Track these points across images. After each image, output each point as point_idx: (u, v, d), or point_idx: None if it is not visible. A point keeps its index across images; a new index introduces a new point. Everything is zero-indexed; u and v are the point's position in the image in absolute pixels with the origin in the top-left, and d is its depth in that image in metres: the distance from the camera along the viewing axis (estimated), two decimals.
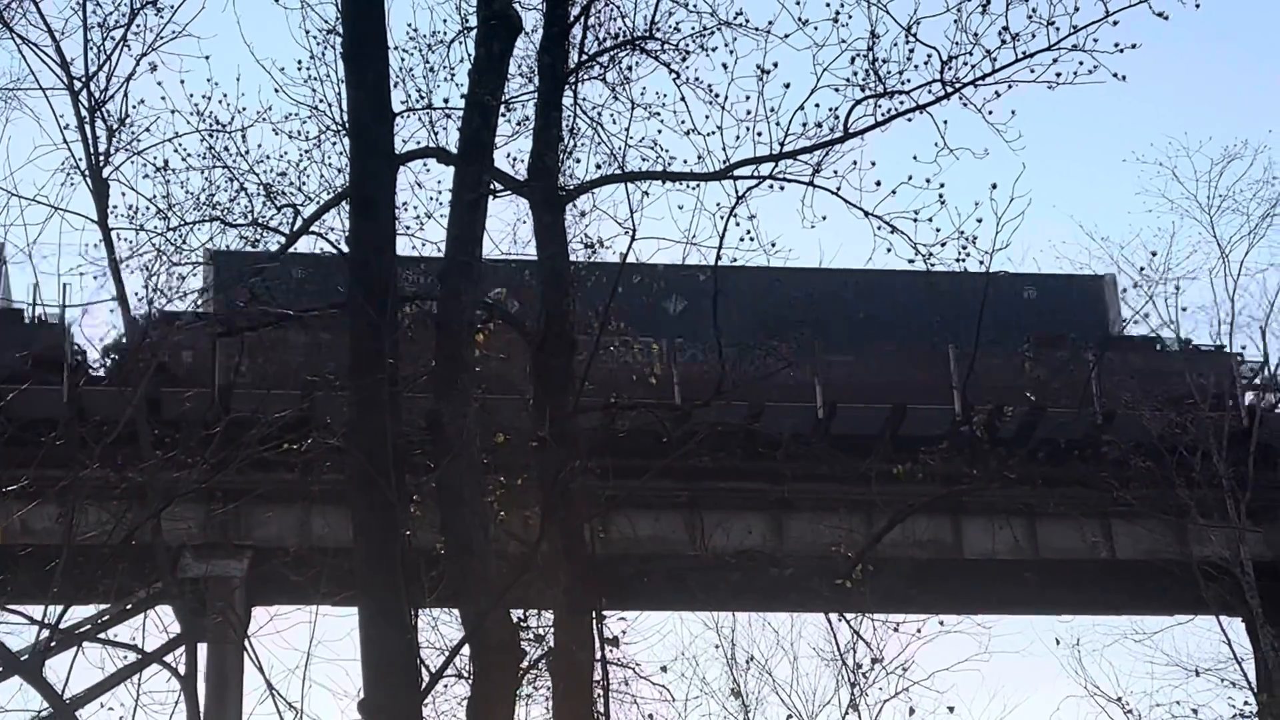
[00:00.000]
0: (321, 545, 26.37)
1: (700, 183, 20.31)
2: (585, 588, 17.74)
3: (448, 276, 17.41)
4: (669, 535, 33.55)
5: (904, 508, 23.26)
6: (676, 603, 31.61)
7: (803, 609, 32.45)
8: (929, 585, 33.51)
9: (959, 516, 34.83)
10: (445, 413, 16.58)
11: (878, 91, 19.65)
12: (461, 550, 16.09)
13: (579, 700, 17.51)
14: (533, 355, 18.79)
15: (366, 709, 15.32)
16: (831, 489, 33.59)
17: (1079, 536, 35.15)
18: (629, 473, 23.29)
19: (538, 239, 19.12)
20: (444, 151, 19.19)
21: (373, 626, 15.39)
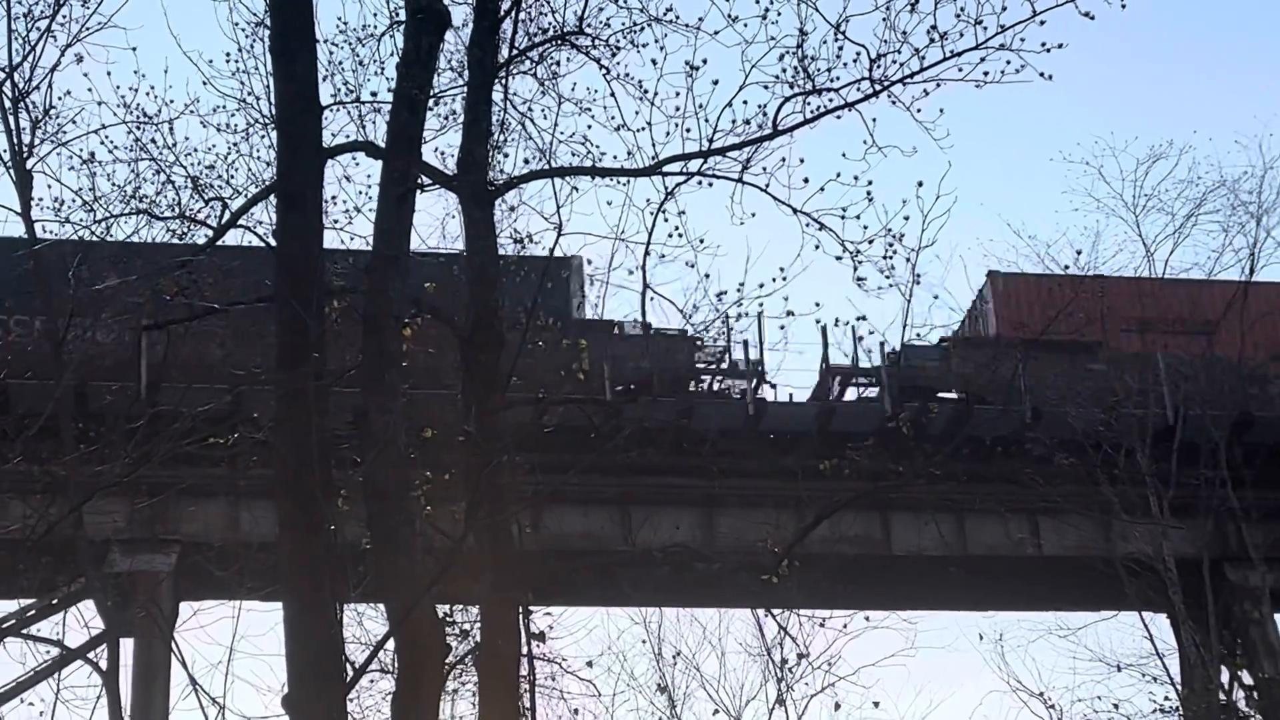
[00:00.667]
0: (249, 540, 26.32)
1: (629, 179, 20.38)
2: (511, 582, 17.70)
3: (375, 270, 17.34)
4: (597, 531, 33.56)
5: (830, 504, 23.37)
6: (604, 598, 31.69)
7: (730, 604, 32.59)
8: (857, 581, 33.66)
9: (888, 513, 34.98)
10: (372, 407, 16.53)
11: (807, 89, 19.74)
12: (387, 545, 16.04)
13: (505, 695, 17.46)
14: (461, 350, 18.74)
15: (291, 704, 15.25)
16: (760, 485, 33.70)
17: (1006, 533, 35.34)
18: (557, 468, 23.28)
19: (466, 234, 19.09)
20: (372, 145, 19.13)
21: (297, 621, 15.32)
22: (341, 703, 15.38)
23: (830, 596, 31.25)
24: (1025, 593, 35.94)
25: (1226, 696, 33.26)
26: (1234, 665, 33.74)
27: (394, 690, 16.28)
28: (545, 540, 30.68)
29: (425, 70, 18.39)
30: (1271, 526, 34.89)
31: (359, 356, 17.26)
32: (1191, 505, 33.47)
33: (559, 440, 25.60)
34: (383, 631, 18.33)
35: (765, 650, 33.54)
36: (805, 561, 26.31)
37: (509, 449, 18.16)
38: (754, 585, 25.14)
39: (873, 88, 19.62)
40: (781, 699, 33.14)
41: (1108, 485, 32.81)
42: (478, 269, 18.78)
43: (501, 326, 18.85)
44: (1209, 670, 32.28)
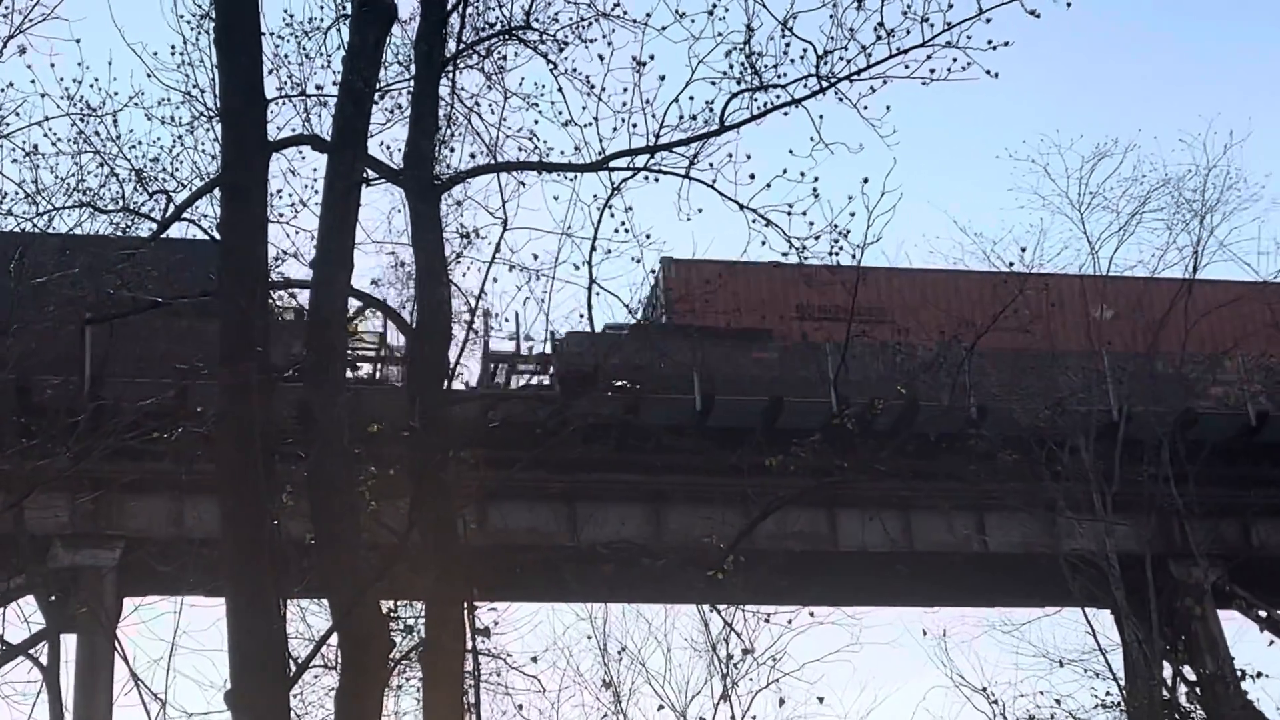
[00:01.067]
0: (192, 535, 26.19)
1: (576, 174, 20.39)
2: (456, 578, 17.65)
3: (320, 265, 17.29)
4: (543, 526, 33.53)
5: (776, 500, 23.43)
6: (550, 593, 31.66)
7: (676, 600, 32.62)
8: (803, 577, 33.74)
9: (834, 509, 35.07)
10: (316, 402, 16.47)
11: (754, 85, 19.75)
12: (331, 540, 15.98)
13: (449, 691, 17.41)
14: (407, 345, 18.70)
15: (233, 700, 15.19)
16: (706, 481, 33.73)
17: (951, 529, 35.48)
18: (503, 463, 23.29)
19: (412, 228, 19.02)
20: (318, 139, 19.06)
21: (240, 617, 15.26)
22: (284, 699, 15.32)
23: (776, 592, 31.30)
24: (970, 589, 36.07)
25: (1169, 692, 33.46)
26: (1176, 661, 33.95)
27: (337, 686, 16.23)
28: (491, 536, 30.64)
29: (371, 64, 18.33)
30: (1214, 523, 35.14)
31: (303, 351, 17.19)
32: (1135, 502, 33.65)
33: (505, 435, 25.61)
34: (326, 627, 18.28)
35: (710, 646, 33.56)
36: (751, 557, 26.40)
37: (454, 444, 18.14)
38: (700, 581, 25.20)
39: (819, 84, 19.65)
40: (726, 694, 33.17)
41: (1052, 482, 32.97)
42: (424, 264, 18.74)
43: (448, 321, 18.80)
44: (1151, 666, 32.47)
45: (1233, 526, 36.12)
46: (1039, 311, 34.61)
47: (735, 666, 32.87)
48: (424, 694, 17.88)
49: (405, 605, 24.10)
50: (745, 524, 26.26)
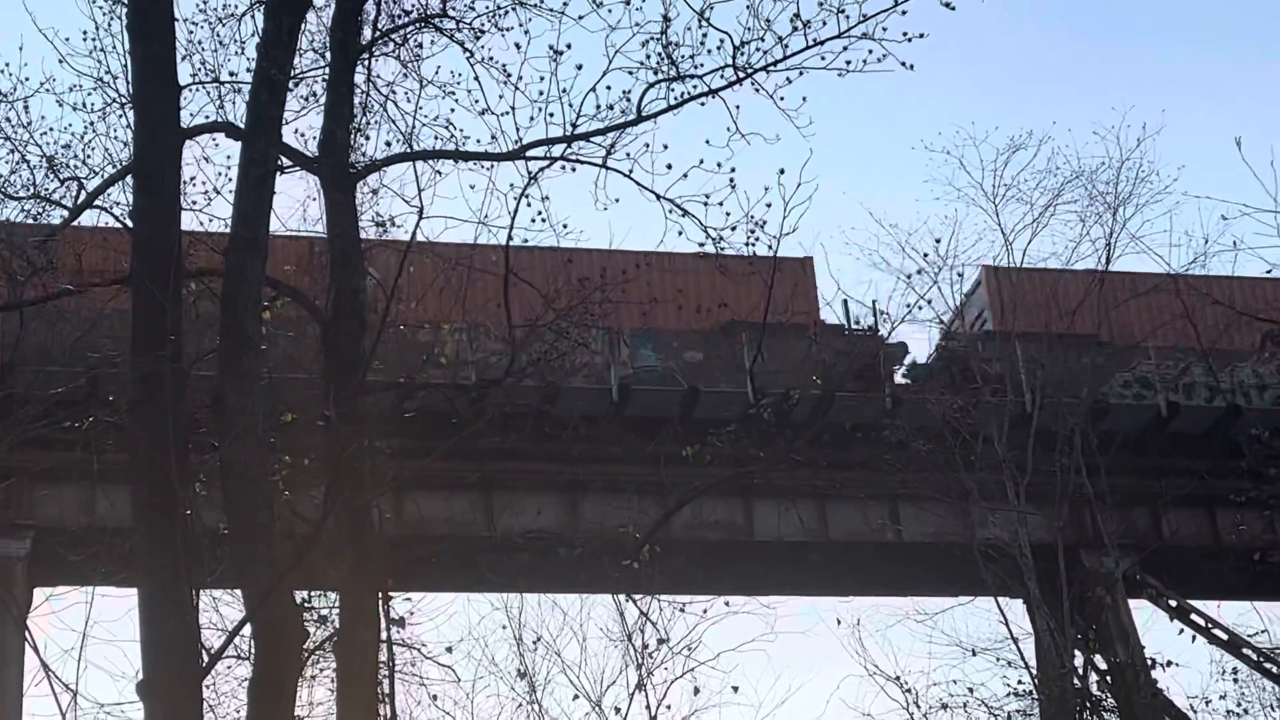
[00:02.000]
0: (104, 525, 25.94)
1: (493, 163, 20.36)
2: (371, 568, 17.63)
3: (234, 253, 17.18)
4: (459, 516, 33.42)
5: (691, 489, 23.49)
6: (465, 583, 31.57)
7: (592, 590, 32.57)
8: (719, 566, 33.83)
9: (750, 499, 35.14)
10: (230, 391, 16.38)
11: (671, 75, 19.81)
12: (245, 530, 15.91)
13: (364, 681, 17.40)
14: (321, 334, 18.62)
15: (145, 690, 15.11)
16: (623, 471, 33.74)
17: (866, 519, 35.63)
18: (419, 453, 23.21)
19: (328, 216, 18.97)
20: (232, 126, 18.95)
21: (152, 607, 15.18)
22: (197, 689, 15.25)
23: (691, 582, 31.37)
24: (884, 578, 36.24)
25: (1080, 681, 33.74)
26: (1088, 650, 34.22)
27: (251, 676, 16.16)
28: (406, 526, 30.55)
29: (286, 51, 18.22)
30: (1125, 513, 35.47)
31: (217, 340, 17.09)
32: (1048, 492, 33.88)
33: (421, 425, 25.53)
34: (240, 617, 18.18)
35: (626, 635, 33.53)
36: (667, 547, 26.46)
37: (369, 434, 18.09)
38: (616, 570, 25.26)
39: (736, 75, 19.74)
40: (641, 684, 33.17)
41: (966, 472, 33.18)
42: (339, 252, 18.67)
43: (363, 310, 18.74)
44: (1063, 655, 32.73)
45: (1144, 516, 36.47)
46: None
47: (650, 656, 32.88)
48: (338, 684, 17.86)
49: (319, 595, 23.98)
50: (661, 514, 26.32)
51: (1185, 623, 35.23)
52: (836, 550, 35.32)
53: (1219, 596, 36.40)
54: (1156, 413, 36.64)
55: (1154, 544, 35.66)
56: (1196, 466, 36.24)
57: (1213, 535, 36.75)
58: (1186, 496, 36.21)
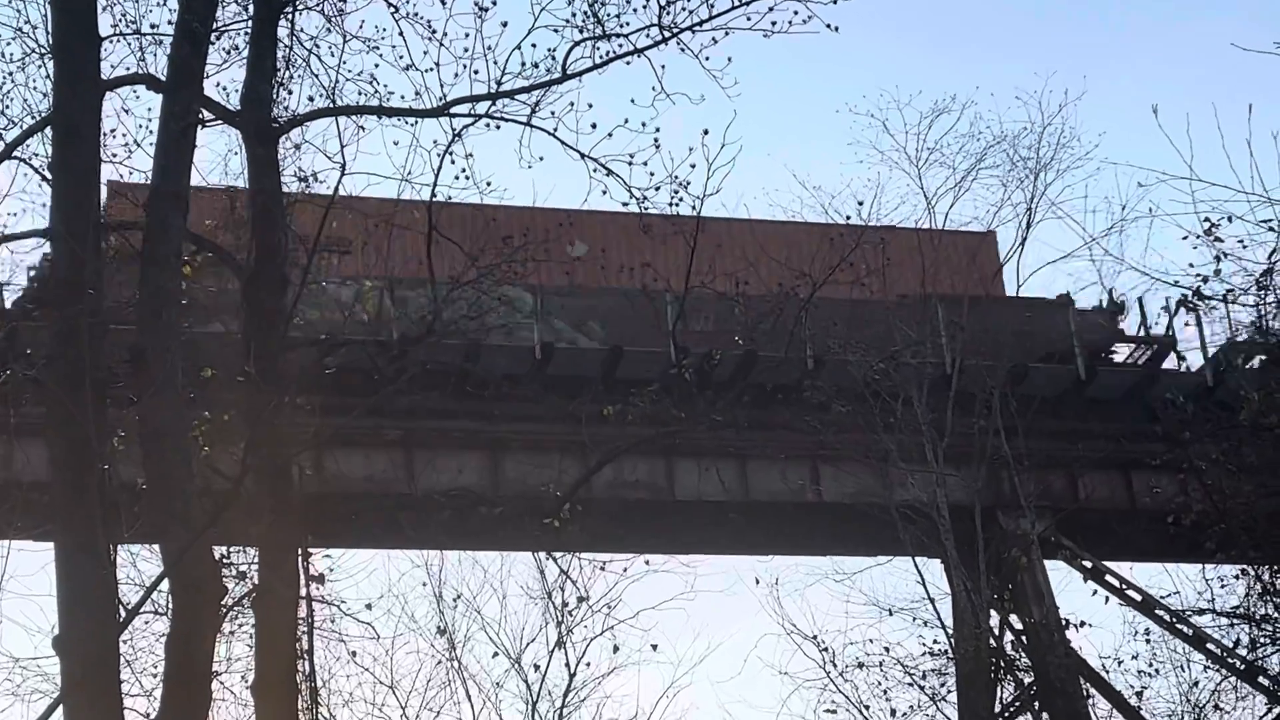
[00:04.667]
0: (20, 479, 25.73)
1: (417, 119, 20.31)
2: (291, 525, 17.60)
3: (154, 206, 17.07)
4: (379, 474, 33.30)
5: (612, 449, 23.55)
6: (386, 541, 31.54)
7: (513, 548, 32.64)
8: (640, 525, 33.94)
9: (671, 458, 35.19)
10: (149, 345, 16.30)
11: (596, 34, 19.82)
12: (163, 485, 15.86)
13: (282, 637, 17.38)
14: (242, 289, 18.53)
15: (61, 644, 15.07)
16: (545, 430, 33.72)
17: (786, 479, 35.76)
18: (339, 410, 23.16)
19: (249, 171, 18.84)
20: (153, 78, 18.78)
21: (69, 562, 15.12)
22: (114, 644, 15.22)
23: (612, 540, 31.48)
24: (804, 538, 36.41)
25: (995, 640, 34.11)
26: (1003, 610, 34.55)
27: (168, 632, 16.13)
28: (326, 482, 30.44)
29: (208, 3, 18.10)
30: (1042, 475, 35.76)
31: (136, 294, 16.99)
32: (966, 454, 34.13)
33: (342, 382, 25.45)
34: (157, 573, 18.12)
35: (546, 593, 33.66)
36: (588, 506, 26.55)
37: (290, 390, 18.03)
38: (536, 529, 25.31)
39: (662, 34, 19.77)
40: (561, 641, 33.32)
41: (885, 433, 33.39)
42: (260, 207, 18.55)
43: (284, 266, 18.65)
44: (979, 615, 33.05)
45: (1060, 479, 36.76)
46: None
47: (570, 614, 33.03)
48: (256, 640, 17.82)
49: (238, 551, 23.92)
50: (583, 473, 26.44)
51: (1099, 584, 35.59)
52: (756, 510, 35.44)
53: (1133, 558, 36.81)
54: (1075, 376, 36.94)
55: (1070, 506, 35.97)
56: (1113, 430, 36.59)
57: (1128, 498, 37.11)
58: (1103, 460, 36.56)
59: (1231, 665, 33.52)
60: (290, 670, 17.64)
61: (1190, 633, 34.29)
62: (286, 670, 17.40)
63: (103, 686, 14.94)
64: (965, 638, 33.05)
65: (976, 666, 32.83)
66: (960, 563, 33.22)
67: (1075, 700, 33.49)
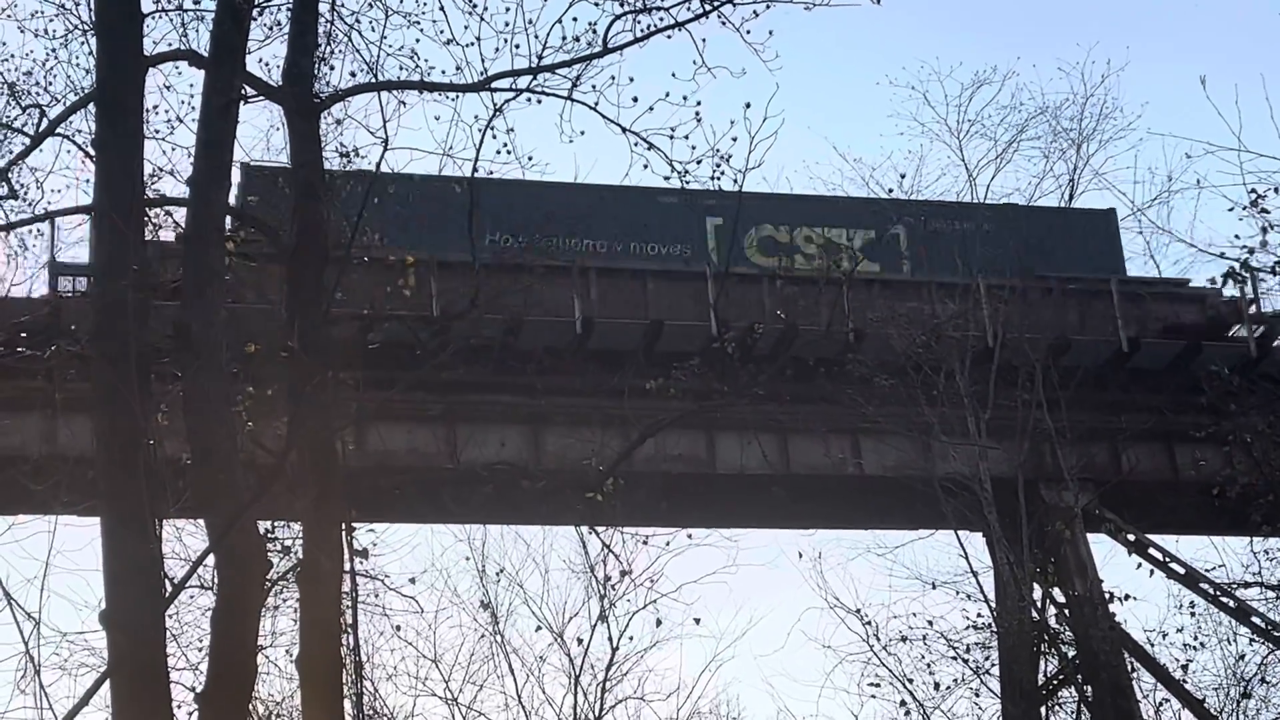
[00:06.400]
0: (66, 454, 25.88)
1: (458, 94, 20.29)
2: (335, 499, 17.62)
3: (198, 182, 17.11)
4: (422, 448, 33.40)
5: (654, 423, 23.52)
6: (428, 515, 31.64)
7: (555, 522, 32.69)
8: (681, 499, 33.94)
9: (712, 432, 35.20)
10: (193, 321, 16.34)
11: (637, 7, 19.77)
12: (208, 460, 15.90)
13: (327, 611, 17.41)
14: (285, 264, 18.55)
15: (108, 619, 15.13)
16: (587, 404, 33.77)
17: (828, 453, 35.73)
18: (382, 385, 23.19)
19: (291, 147, 18.86)
20: (195, 54, 18.81)
21: (115, 536, 15.18)
22: (160, 618, 15.29)
23: (654, 514, 31.48)
24: (845, 511, 36.43)
25: (1038, 614, 34.03)
26: (1046, 583, 34.47)
27: (214, 606, 16.19)
28: (370, 457, 30.54)
29: None
30: (1085, 448, 35.66)
31: (180, 269, 17.04)
32: (1008, 427, 34.04)
33: (385, 356, 25.51)
34: (203, 547, 18.19)
35: (589, 567, 33.77)
36: (630, 479, 26.52)
37: (333, 365, 18.07)
38: (578, 503, 25.30)
39: (703, 7, 19.71)
40: (604, 615, 33.42)
41: (927, 407, 33.32)
42: (303, 183, 18.57)
43: (326, 241, 18.67)
44: (1021, 588, 32.98)
45: (1103, 451, 36.65)
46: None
47: (613, 588, 33.12)
48: (301, 615, 17.86)
49: (283, 526, 24.00)
50: (624, 446, 26.37)
51: (1143, 557, 35.50)
52: (798, 483, 35.43)
53: (1177, 531, 36.71)
54: (1118, 348, 36.78)
55: (1113, 479, 35.86)
56: (1156, 402, 36.45)
57: (1171, 470, 36.98)
58: (1146, 432, 36.42)
59: (1278, 638, 33.38)
60: (334, 644, 17.68)
61: (1236, 606, 34.17)
62: (331, 644, 17.44)
63: (149, 661, 15.01)
64: (1008, 611, 32.99)
65: (1019, 640, 32.76)
66: (1003, 536, 33.15)
67: (1119, 673, 33.40)
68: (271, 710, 30.60)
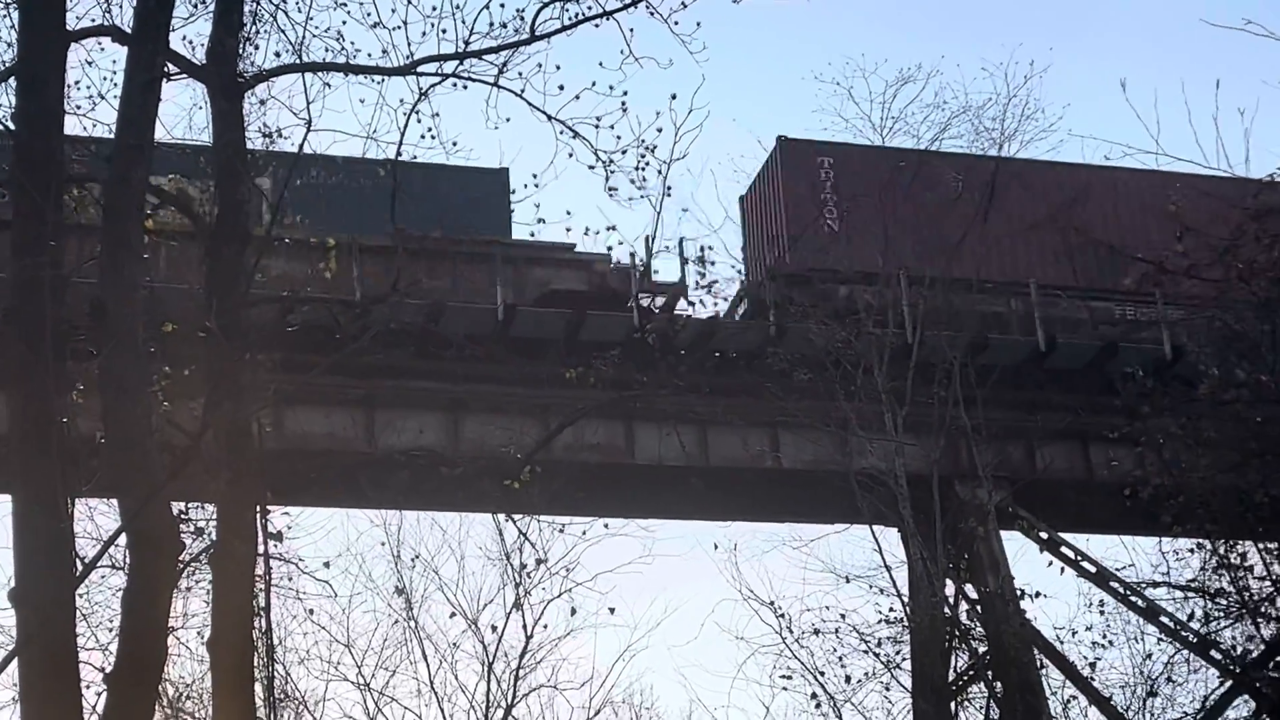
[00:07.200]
0: None
1: (383, 77, 20.24)
2: (250, 482, 17.55)
3: (118, 159, 16.97)
4: (340, 432, 33.28)
5: (573, 411, 23.56)
6: (345, 499, 31.52)
7: (472, 509, 32.65)
8: (600, 489, 33.96)
9: (632, 422, 35.23)
10: (110, 299, 16.22)
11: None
12: (122, 440, 15.80)
13: (239, 594, 17.35)
14: (205, 244, 18.45)
15: (17, 597, 15.03)
16: (507, 392, 33.75)
17: (746, 445, 35.83)
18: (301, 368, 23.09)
19: (214, 126, 18.73)
20: (119, 31, 18.64)
21: (26, 514, 15.07)
22: (70, 597, 15.18)
23: (572, 503, 31.49)
24: (763, 504, 36.52)
25: (950, 609, 34.25)
26: (959, 579, 34.70)
27: (125, 587, 16.09)
28: (286, 440, 30.41)
29: None
30: (1000, 446, 35.91)
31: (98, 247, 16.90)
32: (925, 423, 34.24)
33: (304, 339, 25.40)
34: (115, 527, 18.08)
35: (505, 555, 33.70)
36: (548, 468, 26.56)
37: (251, 347, 17.98)
38: (496, 490, 25.33)
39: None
40: (519, 603, 33.38)
41: (846, 401, 33.46)
42: (225, 162, 18.46)
43: (247, 222, 18.58)
44: (934, 583, 33.19)
45: (1019, 449, 36.93)
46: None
47: (528, 576, 33.08)
48: (213, 597, 17.79)
49: (197, 507, 23.86)
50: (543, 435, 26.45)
51: (1055, 555, 35.80)
52: (716, 475, 35.53)
53: (1089, 530, 37.01)
54: (1035, 347, 37.07)
55: (1028, 477, 36.15)
56: (1072, 402, 36.76)
57: (1085, 470, 37.32)
58: (1061, 431, 36.73)
59: (1185, 638, 33.76)
60: (246, 627, 17.61)
61: (1145, 605, 34.52)
62: (243, 627, 17.37)
63: (58, 640, 14.91)
64: (921, 606, 33.20)
65: (931, 635, 32.96)
66: (917, 531, 33.33)
67: (1028, 670, 33.67)
68: (182, 692, 30.45)
